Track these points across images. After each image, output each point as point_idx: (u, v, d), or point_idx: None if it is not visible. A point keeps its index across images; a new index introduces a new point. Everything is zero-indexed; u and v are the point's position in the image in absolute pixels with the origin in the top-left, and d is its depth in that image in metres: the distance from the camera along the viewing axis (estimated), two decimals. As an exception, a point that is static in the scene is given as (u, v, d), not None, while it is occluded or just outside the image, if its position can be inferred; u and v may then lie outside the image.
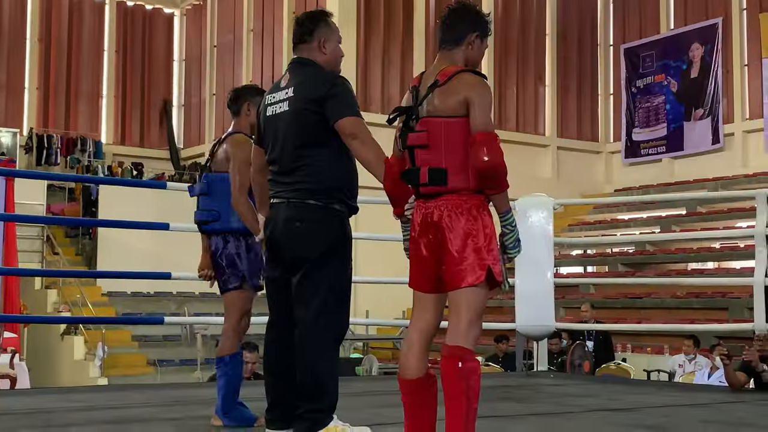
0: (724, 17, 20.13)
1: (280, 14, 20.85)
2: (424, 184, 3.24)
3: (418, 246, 3.31)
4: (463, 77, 3.25)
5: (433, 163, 3.22)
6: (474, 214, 3.21)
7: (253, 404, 5.17)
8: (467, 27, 3.39)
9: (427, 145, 3.23)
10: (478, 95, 3.20)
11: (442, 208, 3.22)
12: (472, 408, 3.11)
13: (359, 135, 3.61)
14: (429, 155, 3.23)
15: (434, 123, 3.23)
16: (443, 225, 3.21)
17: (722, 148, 19.92)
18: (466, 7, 3.45)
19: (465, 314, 3.18)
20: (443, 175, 3.21)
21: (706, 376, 9.56)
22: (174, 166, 23.43)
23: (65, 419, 4.68)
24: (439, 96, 3.24)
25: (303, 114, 3.66)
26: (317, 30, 3.80)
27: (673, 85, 20.96)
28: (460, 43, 3.38)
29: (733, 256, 16.56)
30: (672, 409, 5.44)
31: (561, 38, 22.60)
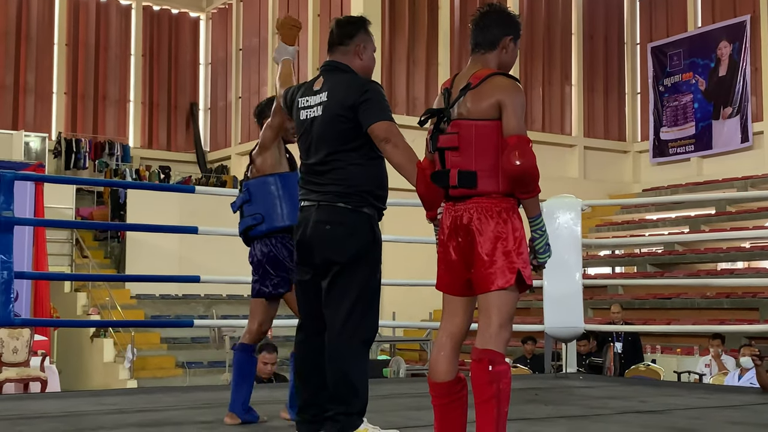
0: (752, 14, 19.95)
1: (305, 17, 20.89)
2: (454, 187, 3.24)
3: (447, 249, 3.31)
4: (496, 80, 3.26)
5: (463, 166, 3.22)
6: (504, 217, 3.21)
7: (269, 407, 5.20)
8: (501, 30, 3.38)
9: (458, 148, 3.23)
10: (511, 98, 3.20)
11: (471, 210, 3.22)
12: (502, 412, 3.12)
13: (392, 139, 3.63)
14: (459, 158, 3.23)
15: (465, 125, 3.23)
16: (473, 228, 3.21)
17: (751, 146, 19.73)
18: (499, 10, 3.43)
19: (495, 317, 3.18)
20: (473, 178, 3.21)
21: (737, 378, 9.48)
22: (201, 169, 23.57)
23: (96, 422, 4.72)
24: (472, 99, 3.24)
25: (337, 120, 3.69)
26: (358, 35, 3.83)
27: (701, 83, 20.79)
28: (495, 46, 3.37)
29: (763, 255, 16.42)
30: (702, 411, 5.41)
31: (587, 37, 22.50)
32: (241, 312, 17.26)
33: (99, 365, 15.67)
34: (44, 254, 12.80)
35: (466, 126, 3.23)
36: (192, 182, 21.41)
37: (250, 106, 23.00)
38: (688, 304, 15.30)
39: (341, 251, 3.68)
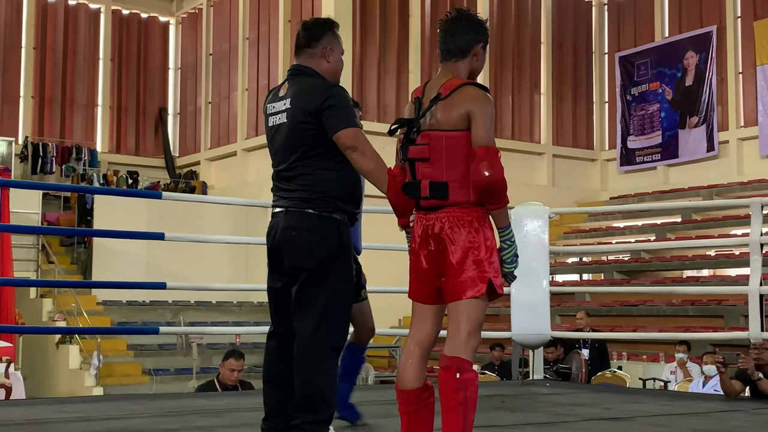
0: (718, 25, 20.20)
1: (276, 23, 20.88)
2: (425, 198, 3.26)
3: (418, 257, 3.33)
4: (466, 91, 3.25)
5: (434, 177, 3.23)
6: (476, 226, 3.22)
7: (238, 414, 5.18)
8: (473, 37, 3.37)
9: (429, 159, 3.24)
10: (481, 109, 3.20)
11: (443, 220, 3.23)
12: (469, 419, 3.13)
13: (358, 146, 3.60)
14: (430, 168, 3.24)
15: (436, 136, 3.23)
16: (445, 237, 3.22)
17: (717, 155, 19.96)
18: (469, 16, 3.41)
19: (465, 325, 3.19)
20: (445, 189, 3.22)
21: (701, 385, 9.57)
22: (169, 175, 23.43)
23: (60, 430, 4.67)
24: (442, 109, 3.24)
25: (301, 126, 3.67)
26: (324, 37, 3.79)
27: (667, 92, 21.01)
28: (466, 54, 3.36)
29: (728, 263, 16.60)
30: (667, 418, 5.45)
31: (556, 46, 22.66)
32: (210, 318, 17.17)
33: (64, 372, 15.50)
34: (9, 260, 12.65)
35: (436, 137, 3.23)
36: (160, 188, 21.26)
37: (220, 112, 22.93)
38: (654, 312, 15.44)
39: (309, 257, 3.65)
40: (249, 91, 21.83)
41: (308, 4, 20.03)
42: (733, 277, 15.65)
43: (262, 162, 20.82)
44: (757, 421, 5.35)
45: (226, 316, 17.60)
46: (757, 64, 19.22)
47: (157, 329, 7.58)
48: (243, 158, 21.70)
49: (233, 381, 7.43)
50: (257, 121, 21.41)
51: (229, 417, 5.28)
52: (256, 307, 18.15)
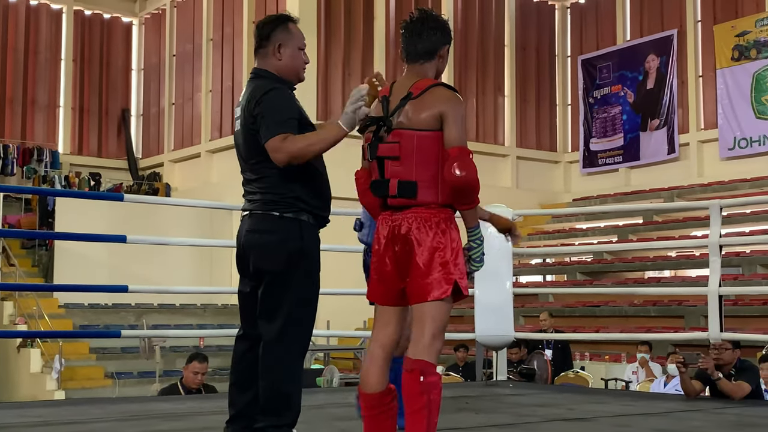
0: (679, 29, 20.43)
1: (240, 24, 20.79)
2: (393, 196, 3.25)
3: (382, 259, 3.32)
4: (437, 91, 3.26)
5: (403, 176, 3.22)
6: (443, 227, 3.23)
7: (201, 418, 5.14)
8: (439, 39, 3.37)
9: (399, 157, 3.23)
10: (453, 110, 3.22)
11: (410, 220, 3.22)
12: (432, 422, 3.14)
13: (282, 149, 3.50)
14: (399, 167, 3.23)
15: (407, 135, 3.23)
16: (412, 238, 3.22)
17: (678, 157, 20.18)
18: (435, 18, 3.39)
19: (429, 328, 3.18)
20: (413, 189, 3.21)
21: (663, 385, 9.67)
22: (132, 176, 23.24)
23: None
24: (413, 109, 3.24)
25: (249, 131, 3.64)
26: (273, 35, 3.71)
27: (629, 95, 21.21)
28: (433, 56, 3.37)
29: (688, 264, 16.79)
30: (628, 418, 5.49)
31: (520, 49, 22.79)
32: (173, 321, 17.04)
33: (26, 376, 15.31)
34: (-31, 262, 12.49)
35: (407, 136, 3.22)
36: (123, 189, 21.09)
37: (183, 113, 22.79)
38: (616, 312, 15.57)
39: (271, 260, 3.61)
40: (213, 92, 21.72)
41: (272, 5, 19.96)
42: (694, 278, 15.82)
43: (226, 163, 20.72)
44: (716, 421, 5.41)
45: (190, 318, 17.49)
46: (717, 68, 19.47)
47: (119, 332, 7.51)
48: (207, 160, 21.59)
49: (197, 384, 7.38)
50: (221, 123, 21.31)
51: (191, 421, 5.24)
52: (220, 309, 18.07)
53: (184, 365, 7.63)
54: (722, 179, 18.82)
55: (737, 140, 19.04)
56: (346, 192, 4.33)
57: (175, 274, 16.94)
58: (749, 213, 16.74)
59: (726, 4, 19.68)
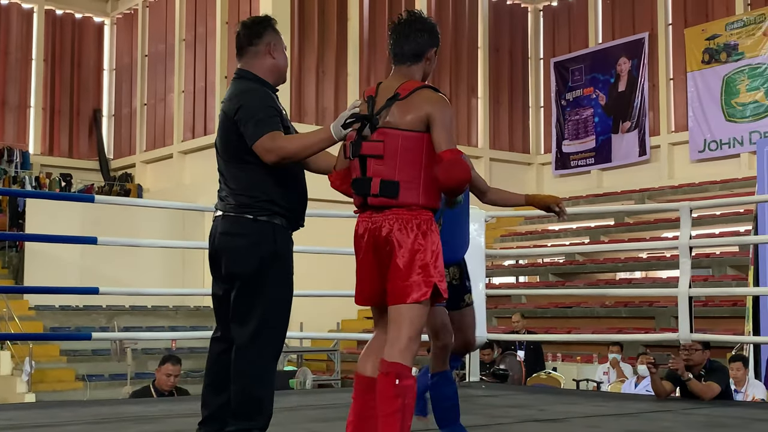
0: (650, 32, 20.60)
1: (213, 24, 20.70)
2: (375, 195, 3.24)
3: (363, 262, 3.33)
4: (425, 93, 3.26)
5: (385, 175, 3.21)
6: (423, 229, 3.23)
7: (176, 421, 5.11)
8: (427, 42, 3.37)
9: (382, 156, 3.22)
10: (441, 113, 3.22)
11: (391, 222, 3.22)
12: (405, 425, 3.15)
13: (274, 150, 3.48)
14: (382, 166, 3.22)
15: (392, 135, 3.23)
16: (393, 240, 3.22)
17: (649, 159, 20.34)
18: (423, 20, 3.39)
19: (406, 330, 3.18)
20: (396, 188, 3.21)
21: (634, 385, 9.73)
22: (104, 177, 23.07)
23: (-11, 439, 4.57)
24: (399, 109, 3.24)
25: (228, 132, 3.64)
26: (267, 33, 3.72)
27: (601, 98, 21.36)
28: (420, 59, 3.37)
29: (659, 265, 16.92)
30: (600, 419, 5.53)
31: (493, 51, 22.88)
32: (145, 323, 16.94)
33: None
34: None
35: (392, 135, 3.22)
36: (94, 190, 20.94)
37: (155, 113, 22.65)
38: (588, 313, 15.67)
39: (243, 263, 3.59)
40: (185, 93, 21.61)
41: (246, 6, 19.90)
42: (664, 279, 15.96)
43: (199, 164, 20.64)
44: (685, 421, 5.46)
45: (162, 320, 17.38)
46: (688, 71, 19.65)
47: (89, 335, 7.46)
48: (179, 161, 21.48)
49: (169, 386, 7.34)
50: (194, 124, 21.21)
51: (162, 424, 5.21)
52: (192, 311, 17.98)
53: (157, 367, 7.57)
54: (692, 181, 18.99)
55: (707, 142, 19.22)
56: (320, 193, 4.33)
57: (147, 275, 16.82)
58: (719, 215, 16.91)
59: (697, 7, 19.87)
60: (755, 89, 18.48)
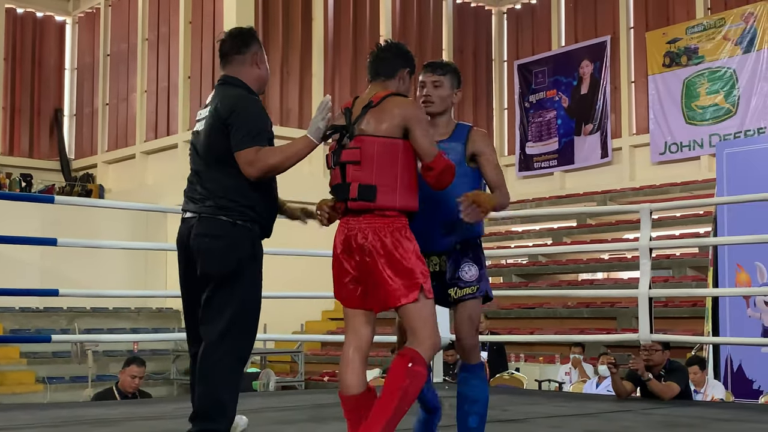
0: (612, 35, 20.78)
1: (176, 24, 20.56)
2: (354, 199, 3.40)
3: (341, 264, 3.45)
4: (396, 99, 3.48)
5: (363, 180, 3.38)
6: (404, 233, 3.41)
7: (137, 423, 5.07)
8: (399, 63, 3.64)
9: (359, 162, 3.40)
10: (416, 117, 3.44)
11: (366, 231, 3.38)
12: (401, 408, 3.30)
13: (256, 163, 3.60)
14: (360, 172, 3.39)
15: (368, 141, 3.41)
16: (372, 248, 3.37)
17: (610, 162, 20.50)
18: (398, 46, 3.71)
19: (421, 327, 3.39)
20: (373, 192, 3.37)
21: (595, 385, 9.82)
22: (65, 178, 22.81)
23: (-54, 443, 4.50)
24: (374, 116, 3.43)
25: (215, 135, 3.68)
26: (253, 44, 3.85)
27: (564, 100, 21.51)
28: (393, 76, 3.61)
29: (621, 266, 17.08)
30: (561, 419, 5.58)
31: (457, 53, 22.94)
32: (106, 325, 16.79)
33: (-47, 381, 14.95)
34: None
35: (369, 142, 3.40)
36: (55, 191, 20.71)
37: (117, 113, 22.44)
38: (551, 314, 15.79)
39: (220, 264, 3.63)
40: (148, 92, 21.44)
41: (209, 6, 19.79)
42: (626, 280, 16.12)
43: (162, 165, 20.48)
44: (645, 421, 5.52)
45: (124, 322, 17.24)
46: (649, 74, 19.85)
47: (49, 337, 7.37)
48: (142, 161, 21.30)
49: (133, 388, 7.29)
50: (156, 124, 21.05)
51: (124, 426, 5.17)
52: (154, 313, 17.84)
53: (121, 369, 7.52)
54: (653, 183, 19.18)
55: (668, 145, 19.44)
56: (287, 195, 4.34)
57: (109, 277, 16.67)
58: (679, 216, 17.10)
59: (658, 11, 20.08)
60: (715, 92, 18.72)
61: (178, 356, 16.33)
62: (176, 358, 16.35)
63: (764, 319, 10.17)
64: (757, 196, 7.71)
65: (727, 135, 17.88)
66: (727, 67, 18.50)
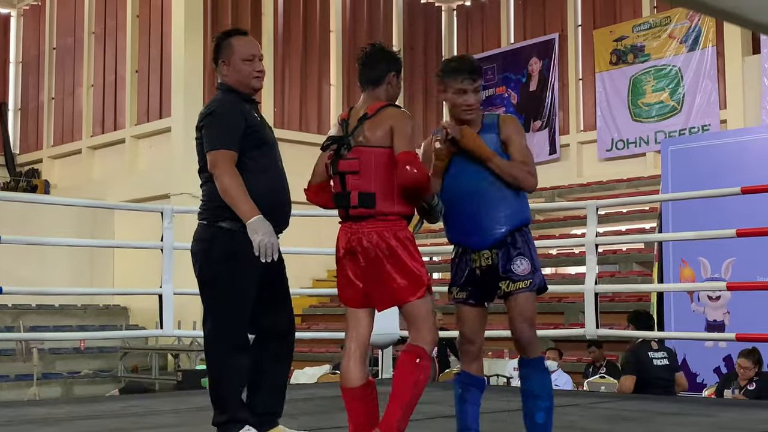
0: (560, 33, 20.98)
1: (123, 17, 20.30)
2: (354, 207, 3.59)
3: (344, 267, 3.66)
4: (388, 110, 3.66)
5: (362, 188, 3.57)
6: (405, 235, 3.63)
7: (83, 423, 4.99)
8: (385, 67, 3.75)
9: (358, 171, 3.58)
10: (400, 124, 3.59)
11: (371, 234, 3.57)
12: (413, 401, 3.59)
13: (216, 170, 3.77)
14: (359, 181, 3.58)
15: (365, 152, 3.60)
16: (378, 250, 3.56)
17: (559, 158, 20.70)
18: (381, 49, 3.80)
19: (423, 324, 3.66)
20: (372, 199, 3.57)
21: (543, 379, 9.90)
22: (9, 173, 22.40)
23: None
24: (369, 127, 3.61)
25: (198, 142, 3.91)
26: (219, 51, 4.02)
27: (513, 97, 21.66)
28: (381, 83, 3.74)
29: (568, 262, 17.26)
30: (508, 414, 5.61)
31: (408, 49, 22.94)
32: (52, 323, 16.53)
33: None
34: None
35: (366, 152, 3.60)
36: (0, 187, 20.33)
37: (63, 107, 22.11)
38: (500, 309, 15.79)
39: (197, 266, 3.89)
40: (95, 87, 21.15)
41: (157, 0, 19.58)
42: (573, 276, 16.28)
43: (109, 160, 20.22)
44: (591, 415, 5.59)
45: (70, 320, 16.99)
46: (596, 71, 20.07)
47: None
48: (88, 156, 21.01)
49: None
50: (103, 118, 20.77)
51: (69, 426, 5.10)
52: (101, 310, 17.62)
53: None
54: (600, 179, 19.40)
55: (615, 142, 19.68)
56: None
57: (54, 274, 16.43)
58: (626, 212, 17.32)
59: (605, 9, 20.31)
60: (660, 90, 19.00)
61: (126, 353, 16.15)
62: (124, 355, 16.17)
63: (708, 314, 10.36)
64: (701, 192, 7.84)
65: (672, 132, 18.17)
66: (673, 65, 18.78)
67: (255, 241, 3.68)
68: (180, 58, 18.40)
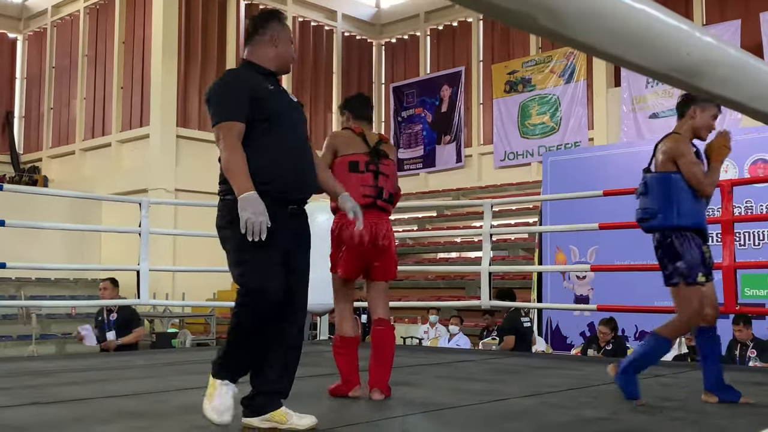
0: (466, 66, 21.12)
1: (111, 43, 19.81)
2: (384, 200, 4.00)
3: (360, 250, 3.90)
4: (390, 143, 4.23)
5: (389, 188, 4.05)
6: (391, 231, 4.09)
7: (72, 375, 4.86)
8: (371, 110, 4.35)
9: (388, 176, 4.06)
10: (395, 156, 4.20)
11: (385, 223, 3.99)
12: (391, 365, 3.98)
13: (218, 143, 3.06)
14: (387, 183, 4.05)
15: (390, 164, 4.11)
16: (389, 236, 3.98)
17: (463, 165, 20.86)
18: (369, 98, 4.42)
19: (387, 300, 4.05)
20: (393, 198, 4.09)
21: (447, 341, 9.99)
22: (14, 169, 21.67)
23: None
24: (387, 148, 4.14)
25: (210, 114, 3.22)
26: (271, 26, 3.22)
27: (428, 116, 21.75)
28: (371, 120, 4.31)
29: (470, 248, 17.43)
30: (420, 368, 5.65)
31: (345, 75, 22.90)
32: (48, 293, 16.07)
33: None
34: None
35: (390, 164, 4.10)
36: (5, 180, 19.65)
37: (60, 116, 21.49)
38: (415, 285, 15.97)
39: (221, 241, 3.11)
40: (87, 99, 20.58)
41: (140, 30, 19.12)
42: (473, 259, 16.44)
43: (98, 160, 19.74)
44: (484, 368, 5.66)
45: (63, 290, 16.53)
46: (494, 98, 20.27)
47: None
48: (81, 156, 20.45)
49: None
50: (93, 125, 20.25)
51: (58, 377, 4.96)
52: (90, 283, 17.18)
53: None
54: (496, 183, 19.61)
55: (507, 153, 19.92)
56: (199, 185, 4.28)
57: (51, 252, 15.97)
58: (515, 209, 17.57)
59: (501, 48, 20.51)
60: (543, 113, 19.29)
61: (110, 319, 15.77)
62: (108, 320, 15.78)
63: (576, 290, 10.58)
64: (573, 194, 7.99)
65: (551, 147, 18.46)
66: (553, 93, 19.08)
67: (242, 218, 2.88)
68: (158, 77, 18.03)
